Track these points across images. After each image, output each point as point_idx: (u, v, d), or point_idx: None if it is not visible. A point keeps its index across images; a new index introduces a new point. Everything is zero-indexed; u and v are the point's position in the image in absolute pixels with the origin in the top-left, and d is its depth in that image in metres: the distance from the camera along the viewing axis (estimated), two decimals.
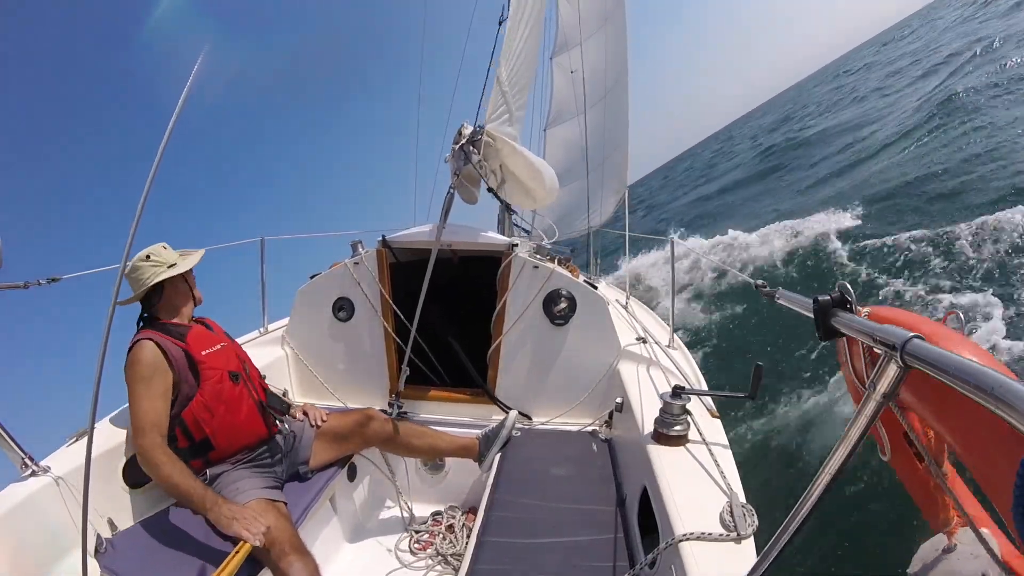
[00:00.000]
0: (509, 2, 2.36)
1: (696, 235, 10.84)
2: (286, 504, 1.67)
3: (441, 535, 2.13)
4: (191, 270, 1.82)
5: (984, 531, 0.78)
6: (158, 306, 1.75)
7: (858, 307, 0.95)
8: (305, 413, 2.03)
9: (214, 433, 1.65)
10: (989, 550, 0.79)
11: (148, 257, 1.71)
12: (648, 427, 1.71)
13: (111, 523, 1.64)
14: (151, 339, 1.61)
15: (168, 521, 1.63)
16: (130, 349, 1.61)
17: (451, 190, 2.14)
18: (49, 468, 1.54)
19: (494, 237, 2.58)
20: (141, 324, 1.75)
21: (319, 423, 1.99)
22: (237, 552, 1.32)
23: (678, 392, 1.67)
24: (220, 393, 1.67)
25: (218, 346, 1.78)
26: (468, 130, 2.17)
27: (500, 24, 2.27)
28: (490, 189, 2.36)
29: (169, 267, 1.72)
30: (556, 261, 2.51)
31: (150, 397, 1.55)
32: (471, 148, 2.14)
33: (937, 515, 1.22)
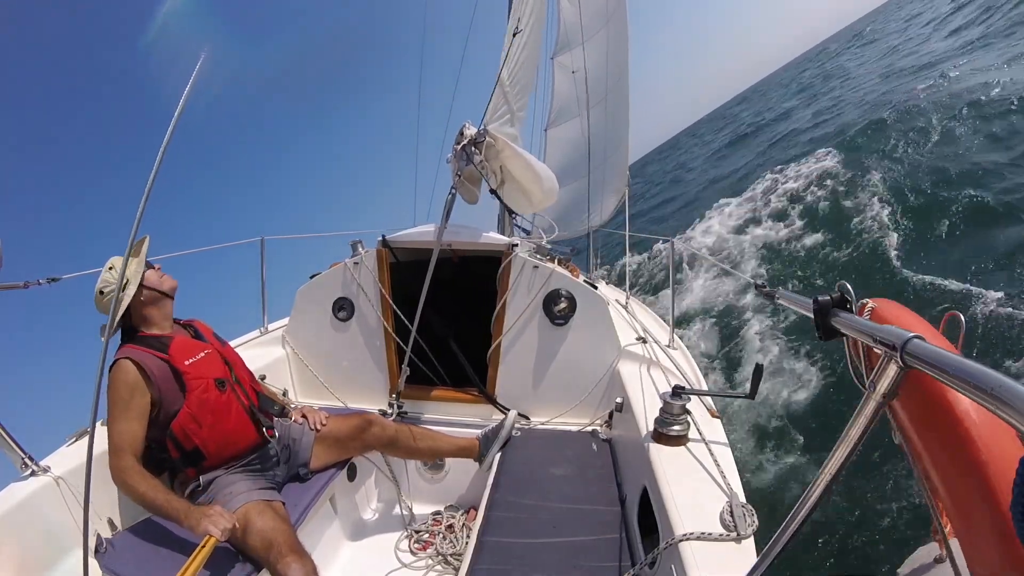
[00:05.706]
0: (525, 14, 2.31)
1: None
2: (284, 504, 1.66)
3: (441, 535, 2.13)
4: (146, 268, 1.71)
5: (977, 542, 0.77)
6: (133, 322, 1.72)
7: (858, 303, 0.95)
8: (304, 416, 2.01)
9: (204, 443, 1.63)
10: (979, 561, 0.78)
11: (102, 292, 1.64)
12: (648, 427, 1.71)
13: (111, 523, 1.64)
14: (130, 358, 1.58)
15: (168, 521, 1.63)
16: (111, 368, 1.58)
17: (452, 191, 2.13)
18: (49, 468, 1.54)
19: (494, 237, 2.58)
20: (124, 336, 1.71)
21: (318, 427, 1.97)
22: (203, 546, 1.33)
23: (678, 392, 1.67)
24: (206, 402, 1.65)
25: (202, 353, 1.74)
26: (471, 131, 2.15)
27: (515, 35, 2.24)
28: (493, 191, 2.36)
29: (123, 289, 1.64)
30: (556, 261, 2.51)
31: (127, 419, 1.54)
32: (473, 149, 2.13)
33: (931, 522, 1.21)
